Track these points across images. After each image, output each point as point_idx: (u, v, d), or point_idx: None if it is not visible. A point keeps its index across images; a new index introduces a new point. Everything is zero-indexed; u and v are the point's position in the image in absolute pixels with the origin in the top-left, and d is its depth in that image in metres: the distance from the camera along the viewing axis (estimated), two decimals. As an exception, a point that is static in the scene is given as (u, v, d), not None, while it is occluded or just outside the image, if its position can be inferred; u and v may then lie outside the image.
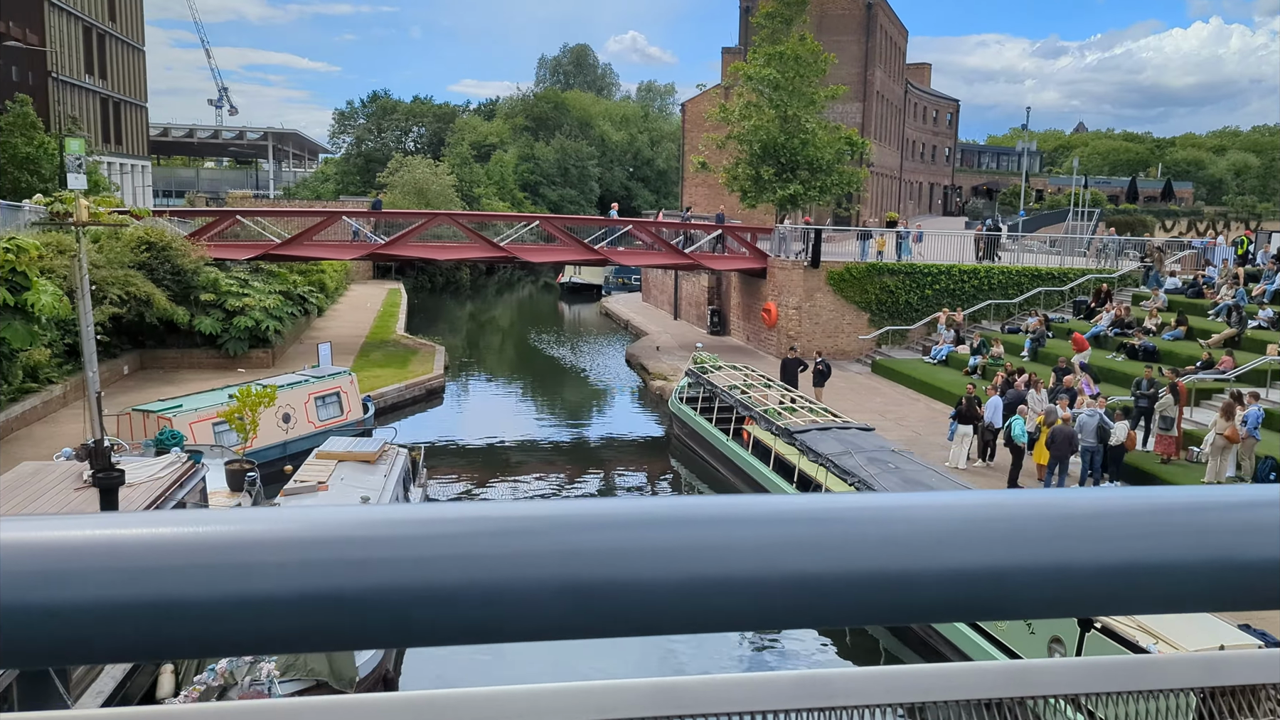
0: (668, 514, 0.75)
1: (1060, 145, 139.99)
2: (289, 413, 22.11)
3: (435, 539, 0.72)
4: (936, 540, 0.77)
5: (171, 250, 29.35)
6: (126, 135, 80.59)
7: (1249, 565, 0.79)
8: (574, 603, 0.71)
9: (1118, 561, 0.78)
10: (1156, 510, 0.82)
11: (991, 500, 0.82)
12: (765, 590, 0.73)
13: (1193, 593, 0.80)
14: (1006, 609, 0.80)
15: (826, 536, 0.75)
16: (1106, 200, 79.14)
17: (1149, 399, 20.82)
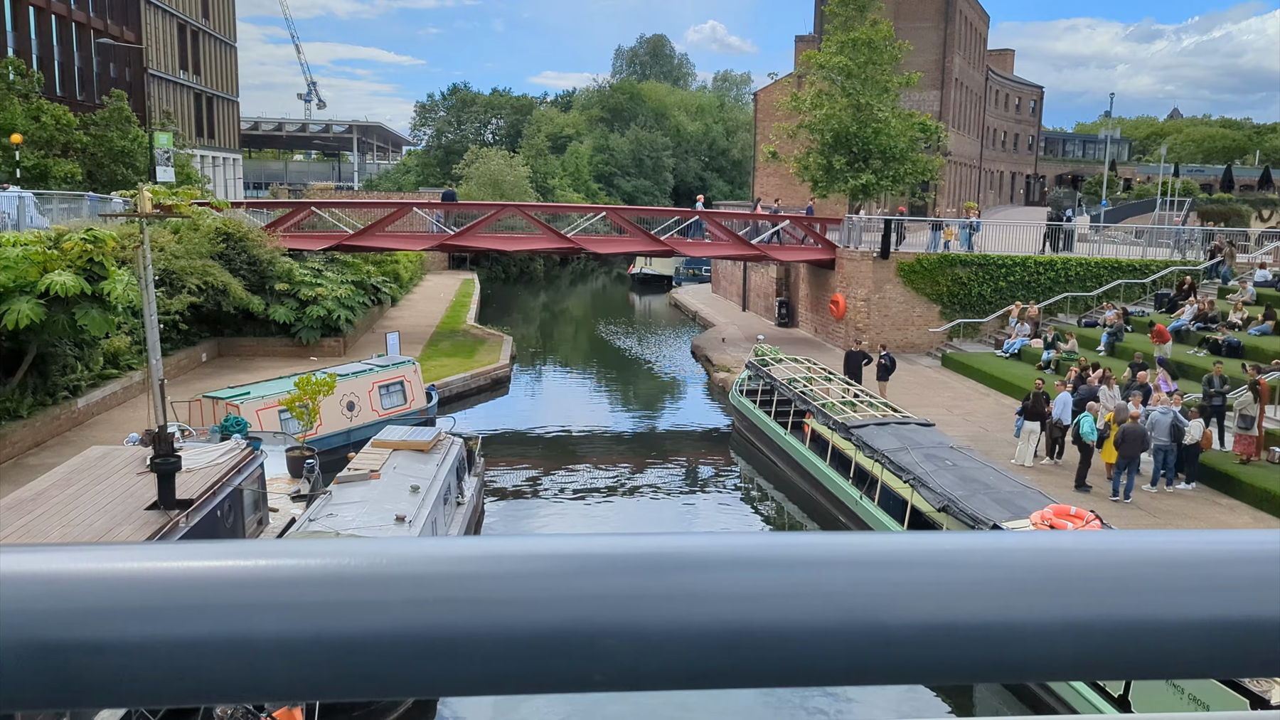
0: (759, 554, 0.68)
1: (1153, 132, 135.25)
2: (353, 401, 22.58)
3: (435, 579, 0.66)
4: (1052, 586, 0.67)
5: (248, 241, 30.16)
6: (218, 129, 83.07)
7: None
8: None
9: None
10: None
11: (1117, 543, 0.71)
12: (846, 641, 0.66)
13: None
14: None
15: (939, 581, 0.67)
16: (1199, 189, 76.12)
17: (1221, 396, 20.01)
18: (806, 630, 0.65)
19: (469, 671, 0.63)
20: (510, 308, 53.70)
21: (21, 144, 39.80)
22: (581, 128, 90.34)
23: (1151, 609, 0.67)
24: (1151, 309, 31.79)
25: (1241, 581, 0.68)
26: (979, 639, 0.66)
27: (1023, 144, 76.69)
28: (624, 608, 0.64)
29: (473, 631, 0.63)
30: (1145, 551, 0.70)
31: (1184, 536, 0.72)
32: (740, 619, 0.65)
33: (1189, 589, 0.68)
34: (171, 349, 28.07)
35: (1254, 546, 0.70)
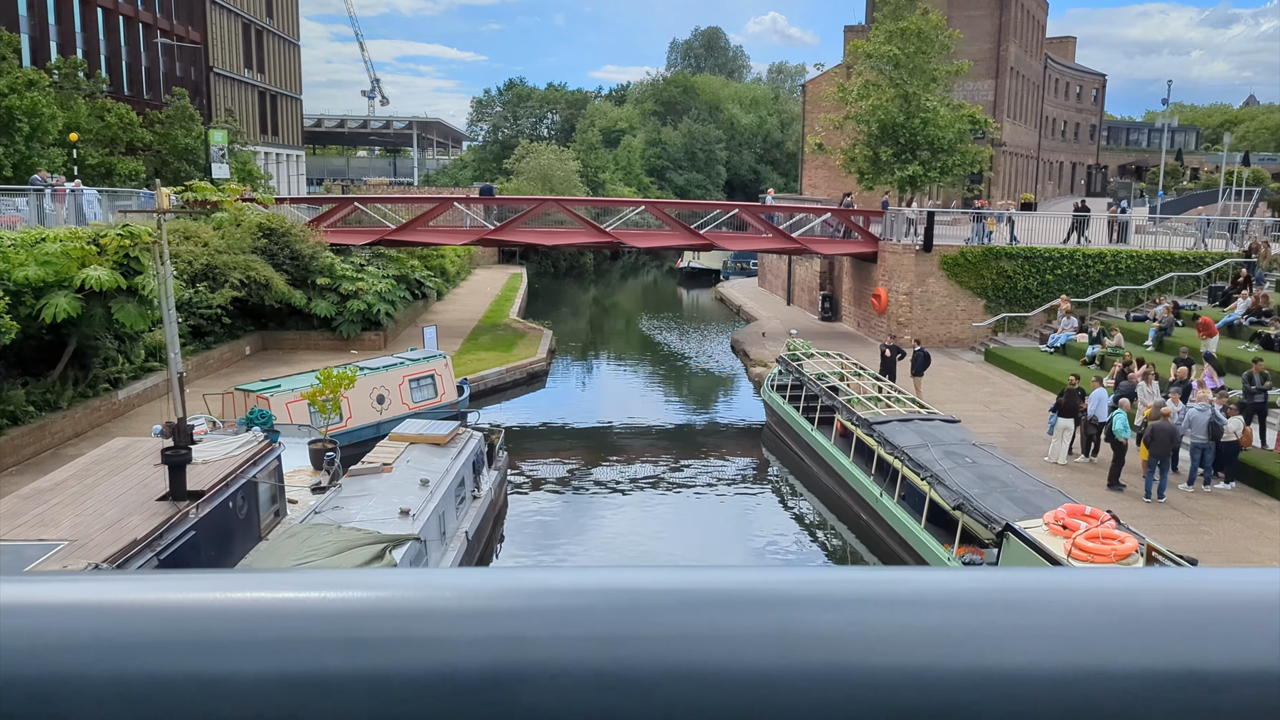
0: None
1: (1226, 120, 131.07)
2: (383, 394, 22.86)
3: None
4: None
5: (291, 236, 30.68)
6: (282, 126, 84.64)
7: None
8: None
9: None
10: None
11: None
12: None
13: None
14: None
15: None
16: (1270, 178, 73.51)
17: (1262, 393, 19.32)
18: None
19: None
20: (558, 302, 53.92)
21: (79, 142, 41.00)
22: (635, 121, 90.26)
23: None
24: (1205, 303, 30.83)
25: None
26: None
27: (1084, 133, 74.76)
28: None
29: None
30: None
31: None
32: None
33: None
34: (215, 342, 28.72)
35: None
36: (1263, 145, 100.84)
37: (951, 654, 0.62)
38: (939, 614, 0.63)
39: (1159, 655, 0.62)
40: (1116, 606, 0.64)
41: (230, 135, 51.86)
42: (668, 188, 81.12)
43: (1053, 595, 0.64)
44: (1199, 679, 0.61)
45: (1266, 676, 0.61)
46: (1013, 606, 0.63)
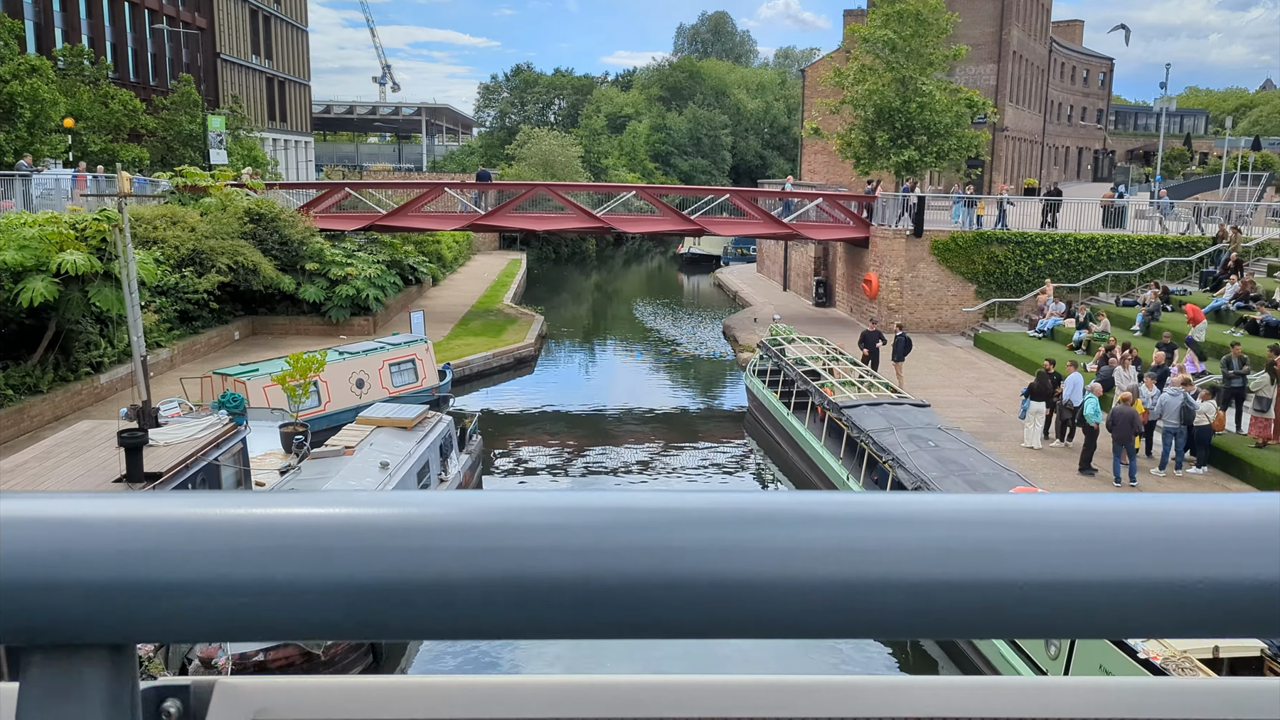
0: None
1: (1242, 104, 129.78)
2: (363, 379, 22.99)
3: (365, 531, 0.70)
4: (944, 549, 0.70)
5: (280, 221, 30.81)
6: (290, 112, 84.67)
7: None
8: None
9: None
10: None
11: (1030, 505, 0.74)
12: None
13: None
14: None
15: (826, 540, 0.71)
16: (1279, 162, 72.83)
17: (1240, 378, 19.22)
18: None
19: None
20: (559, 288, 53.98)
21: (82, 129, 41.26)
22: (641, 107, 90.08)
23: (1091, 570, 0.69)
24: (1196, 288, 30.65)
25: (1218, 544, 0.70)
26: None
27: (1090, 118, 74.17)
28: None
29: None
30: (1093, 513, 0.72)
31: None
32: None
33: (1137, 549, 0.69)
34: (203, 326, 28.91)
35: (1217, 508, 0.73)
36: (1274, 129, 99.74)
37: (875, 566, 0.68)
38: (871, 530, 0.70)
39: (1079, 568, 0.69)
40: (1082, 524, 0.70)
41: (235, 121, 52.06)
42: (672, 173, 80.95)
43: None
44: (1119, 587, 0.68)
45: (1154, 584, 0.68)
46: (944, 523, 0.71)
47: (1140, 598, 0.69)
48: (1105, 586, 0.68)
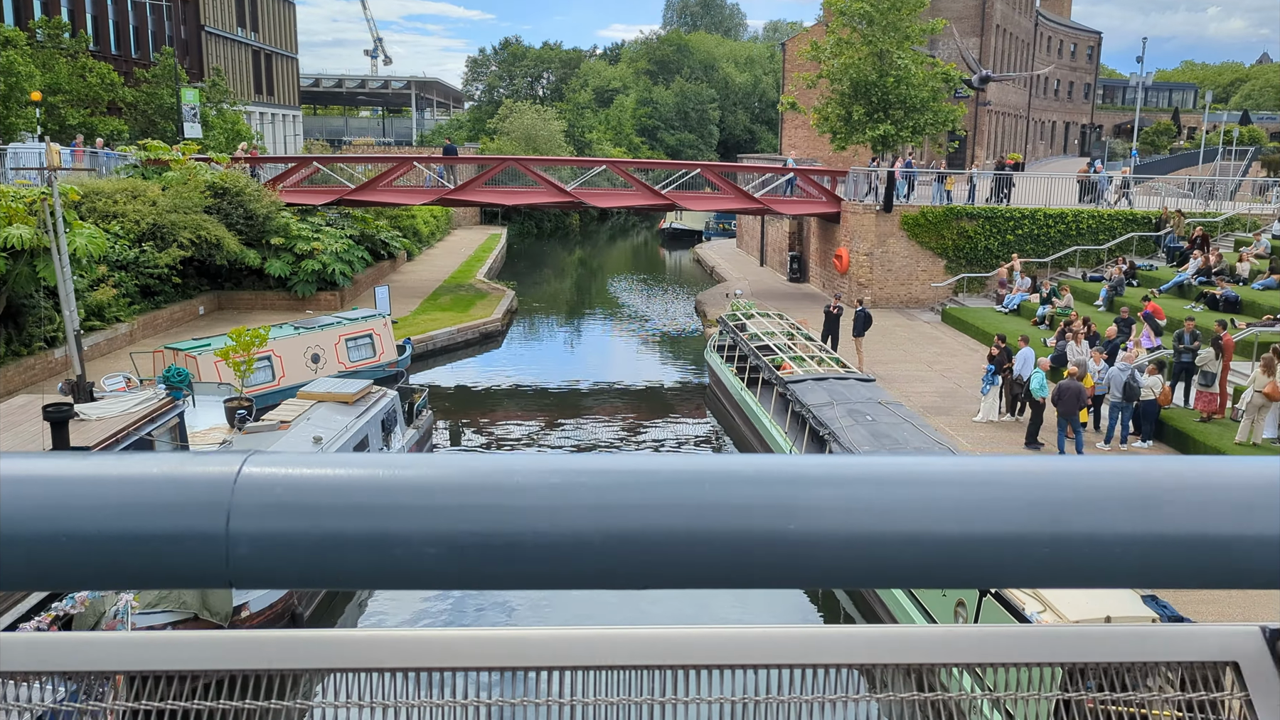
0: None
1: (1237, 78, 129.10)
2: (318, 353, 22.93)
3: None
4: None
5: (245, 195, 30.65)
6: (278, 86, 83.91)
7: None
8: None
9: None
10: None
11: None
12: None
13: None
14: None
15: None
16: (1268, 138, 72.51)
17: (1190, 353, 19.22)
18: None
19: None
20: (540, 263, 53.79)
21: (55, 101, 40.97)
22: (629, 81, 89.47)
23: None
24: (1163, 263, 30.62)
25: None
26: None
27: (1078, 92, 73.74)
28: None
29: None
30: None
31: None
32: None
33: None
34: (165, 301, 28.82)
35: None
36: (1267, 104, 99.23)
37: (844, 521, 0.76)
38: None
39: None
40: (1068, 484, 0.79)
41: (218, 94, 51.69)
42: (659, 147, 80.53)
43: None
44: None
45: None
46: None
47: (1007, 551, 0.76)
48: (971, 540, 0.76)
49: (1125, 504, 0.78)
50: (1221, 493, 0.78)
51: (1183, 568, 0.77)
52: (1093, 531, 0.76)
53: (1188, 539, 0.77)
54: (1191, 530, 0.77)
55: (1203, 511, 0.77)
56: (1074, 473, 0.81)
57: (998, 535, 0.76)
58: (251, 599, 11.70)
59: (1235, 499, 0.78)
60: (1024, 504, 0.78)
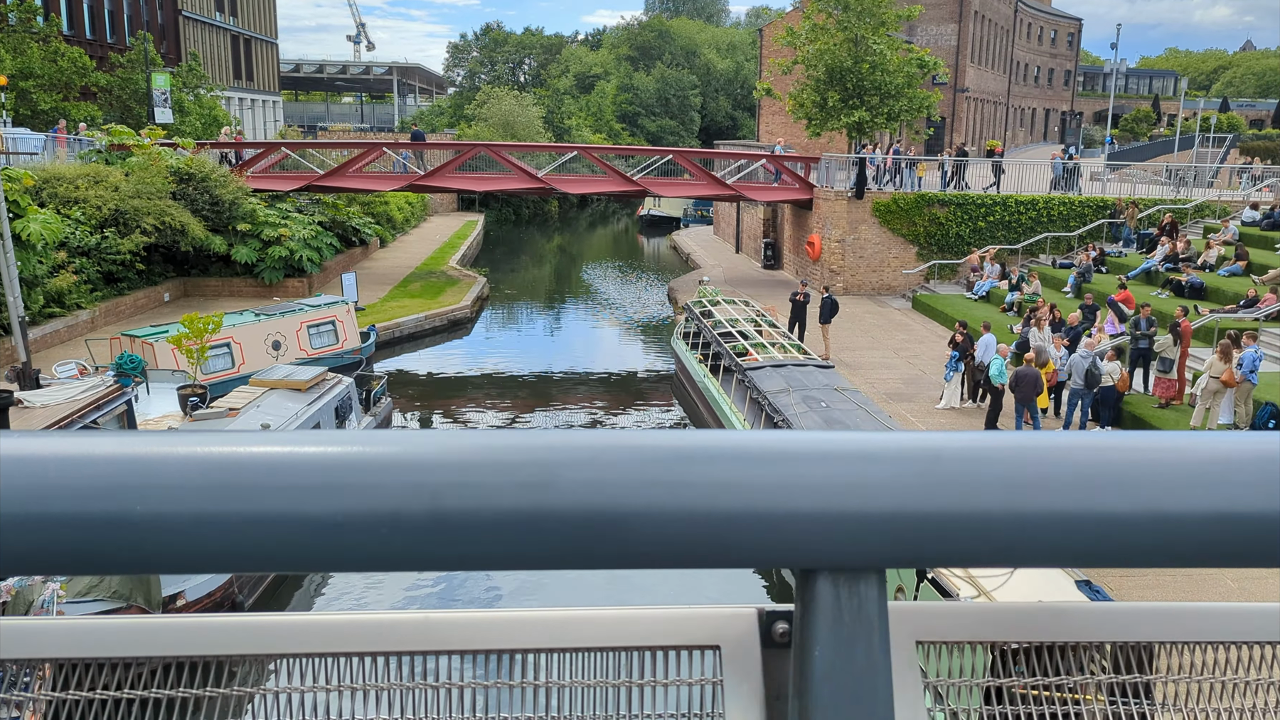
0: None
1: (1220, 65, 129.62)
2: (279, 340, 22.74)
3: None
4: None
5: (211, 181, 30.35)
6: (257, 71, 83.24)
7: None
8: None
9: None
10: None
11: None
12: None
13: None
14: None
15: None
16: (1246, 125, 72.78)
17: (1148, 339, 19.23)
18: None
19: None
20: (518, 250, 53.54)
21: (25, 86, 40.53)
22: (610, 67, 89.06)
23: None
24: (1134, 249, 30.64)
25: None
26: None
27: (1058, 79, 73.76)
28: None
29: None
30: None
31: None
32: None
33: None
34: (129, 288, 28.54)
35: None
36: (1248, 91, 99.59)
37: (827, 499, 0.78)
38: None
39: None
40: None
41: (194, 79, 51.18)
42: (639, 134, 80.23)
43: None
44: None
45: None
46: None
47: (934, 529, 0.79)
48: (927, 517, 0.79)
49: (1050, 482, 0.80)
50: (1145, 469, 0.80)
51: (1099, 548, 0.79)
52: (1020, 510, 0.79)
53: (1109, 517, 0.79)
54: (1109, 509, 0.80)
55: (1120, 489, 0.80)
56: (1002, 447, 0.83)
57: (922, 512, 0.79)
58: (188, 586, 11.57)
59: (1154, 475, 0.80)
60: (941, 481, 0.79)
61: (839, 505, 0.79)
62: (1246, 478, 0.80)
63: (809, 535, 0.78)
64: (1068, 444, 0.84)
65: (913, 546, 0.80)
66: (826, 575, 0.82)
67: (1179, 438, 0.84)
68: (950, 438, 0.84)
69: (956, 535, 0.80)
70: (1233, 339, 17.25)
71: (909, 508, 0.79)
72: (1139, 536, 0.80)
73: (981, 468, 0.81)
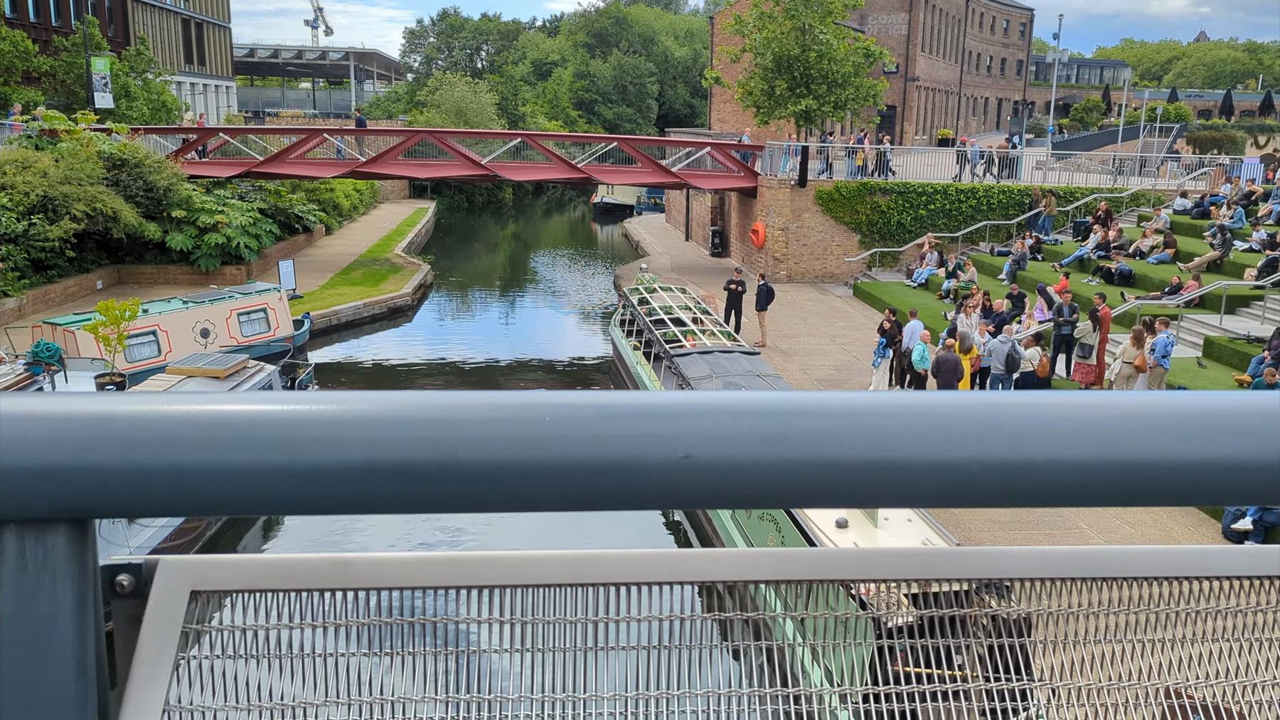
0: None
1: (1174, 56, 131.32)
2: (208, 328, 22.46)
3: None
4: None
5: (144, 167, 29.87)
6: (209, 56, 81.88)
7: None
8: None
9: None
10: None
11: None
12: None
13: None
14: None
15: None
16: (1194, 115, 73.80)
17: (1070, 325, 19.51)
18: None
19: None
20: (470, 238, 53.25)
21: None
22: (567, 53, 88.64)
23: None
24: (1070, 237, 31.03)
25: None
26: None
27: (1010, 69, 74.39)
28: None
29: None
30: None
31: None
32: None
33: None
34: (59, 276, 28.07)
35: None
36: (1198, 82, 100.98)
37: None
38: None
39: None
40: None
41: (142, 64, 50.23)
42: (596, 121, 79.96)
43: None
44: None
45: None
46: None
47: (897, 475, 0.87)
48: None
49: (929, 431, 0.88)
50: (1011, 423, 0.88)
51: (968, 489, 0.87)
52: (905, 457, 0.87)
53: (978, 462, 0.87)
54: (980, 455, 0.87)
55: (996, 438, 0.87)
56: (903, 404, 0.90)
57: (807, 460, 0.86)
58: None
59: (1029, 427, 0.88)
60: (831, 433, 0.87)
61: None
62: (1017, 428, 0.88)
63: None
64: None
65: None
66: (13, 527, 0.84)
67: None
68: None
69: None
70: (1146, 324, 17.54)
71: None
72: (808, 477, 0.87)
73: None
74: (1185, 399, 0.92)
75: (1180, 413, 0.90)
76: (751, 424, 0.86)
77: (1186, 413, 0.90)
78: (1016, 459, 0.87)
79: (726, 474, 0.85)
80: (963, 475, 0.87)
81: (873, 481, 0.87)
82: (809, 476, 0.86)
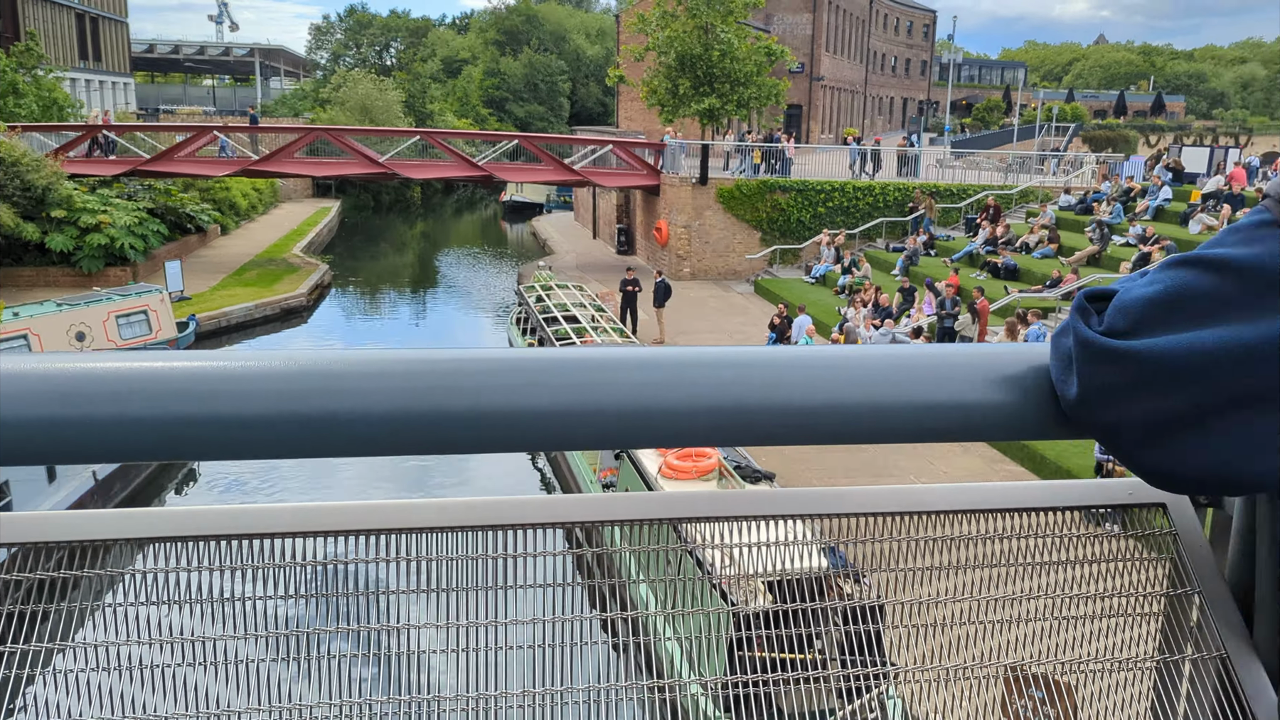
0: None
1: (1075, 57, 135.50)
2: (83, 331, 21.67)
3: None
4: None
5: (21, 166, 28.70)
6: (105, 51, 79.10)
7: None
8: None
9: None
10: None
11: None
12: None
13: None
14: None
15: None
16: (1090, 115, 76.28)
17: (952, 317, 19.94)
18: None
19: None
20: (376, 238, 52.37)
21: None
22: (478, 51, 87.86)
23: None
24: (962, 233, 31.74)
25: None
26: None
27: (915, 69, 75.95)
28: None
29: None
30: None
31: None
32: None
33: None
34: (-73, 279, 26.83)
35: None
36: (1094, 83, 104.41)
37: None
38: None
39: None
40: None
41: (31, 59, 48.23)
42: (507, 119, 79.39)
43: None
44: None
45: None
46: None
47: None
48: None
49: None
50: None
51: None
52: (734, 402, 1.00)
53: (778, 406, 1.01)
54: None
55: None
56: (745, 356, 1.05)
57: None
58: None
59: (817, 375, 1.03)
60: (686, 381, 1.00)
61: None
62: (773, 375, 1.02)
63: None
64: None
65: None
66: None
67: None
68: None
69: None
70: (1020, 317, 17.98)
71: None
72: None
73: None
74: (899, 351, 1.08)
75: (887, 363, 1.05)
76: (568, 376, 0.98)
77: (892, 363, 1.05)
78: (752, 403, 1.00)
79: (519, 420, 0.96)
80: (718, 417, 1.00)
81: (641, 425, 0.99)
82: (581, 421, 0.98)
